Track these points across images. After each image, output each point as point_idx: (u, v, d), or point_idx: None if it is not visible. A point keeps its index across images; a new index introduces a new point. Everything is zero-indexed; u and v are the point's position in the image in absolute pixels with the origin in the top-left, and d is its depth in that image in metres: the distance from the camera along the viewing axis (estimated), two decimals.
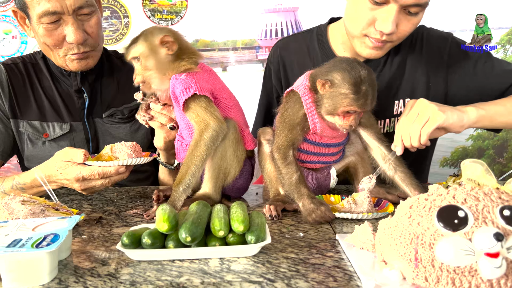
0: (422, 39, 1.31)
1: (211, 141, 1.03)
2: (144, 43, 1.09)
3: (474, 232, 0.60)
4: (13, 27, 2.46)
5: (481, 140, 2.58)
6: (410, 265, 0.64)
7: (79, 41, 1.24)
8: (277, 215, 1.02)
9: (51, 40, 1.25)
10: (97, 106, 1.40)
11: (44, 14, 1.20)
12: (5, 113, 1.36)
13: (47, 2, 1.19)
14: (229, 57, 2.52)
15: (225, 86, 1.16)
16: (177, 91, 1.05)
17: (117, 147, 1.14)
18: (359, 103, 0.98)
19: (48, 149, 1.36)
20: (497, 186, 0.67)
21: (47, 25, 1.22)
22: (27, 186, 1.20)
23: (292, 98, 1.07)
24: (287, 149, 1.06)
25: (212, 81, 1.11)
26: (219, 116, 1.04)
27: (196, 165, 1.03)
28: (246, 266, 0.75)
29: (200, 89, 1.04)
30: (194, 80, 1.05)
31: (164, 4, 2.45)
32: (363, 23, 1.14)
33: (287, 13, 2.47)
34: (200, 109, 1.04)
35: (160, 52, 1.08)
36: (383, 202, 1.07)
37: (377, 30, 1.13)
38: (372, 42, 1.17)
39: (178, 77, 1.07)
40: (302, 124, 1.06)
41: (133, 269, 0.75)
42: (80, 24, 1.24)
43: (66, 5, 1.19)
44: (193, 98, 1.04)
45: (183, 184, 1.02)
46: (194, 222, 0.78)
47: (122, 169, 1.11)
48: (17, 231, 0.76)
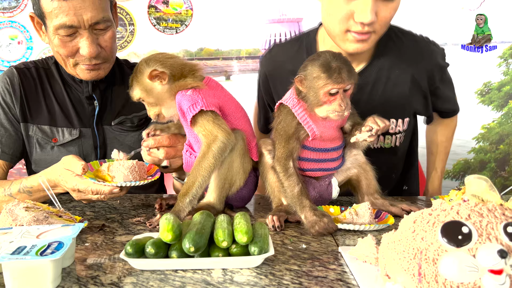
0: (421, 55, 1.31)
1: (219, 153, 1.03)
2: (137, 85, 1.12)
3: (478, 249, 0.60)
4: (19, 32, 2.48)
5: (483, 153, 2.59)
6: (414, 280, 0.64)
7: (92, 55, 1.26)
8: (280, 226, 1.02)
9: (64, 50, 1.26)
10: (107, 113, 1.41)
11: (61, 27, 1.21)
12: (16, 117, 1.37)
13: (65, 15, 1.20)
14: (233, 66, 2.54)
15: (232, 98, 1.16)
16: (184, 107, 1.06)
17: (114, 166, 1.12)
18: (333, 78, 0.99)
19: (56, 153, 1.36)
20: (501, 202, 0.67)
21: (62, 37, 1.24)
22: (34, 190, 1.20)
23: (283, 112, 1.09)
24: (287, 160, 1.06)
25: (219, 95, 1.11)
26: (226, 129, 1.05)
27: (203, 177, 1.03)
28: (249, 278, 0.75)
29: (207, 105, 1.04)
30: (200, 96, 1.06)
31: (170, 12, 2.47)
32: (341, 18, 1.14)
33: (292, 23, 2.49)
34: (208, 122, 1.04)
35: (154, 87, 1.10)
36: (382, 214, 1.07)
37: (357, 22, 1.13)
38: (355, 36, 1.16)
39: (185, 93, 1.08)
40: (297, 133, 1.07)
41: (136, 279, 0.75)
42: (94, 38, 1.26)
43: (83, 20, 1.21)
44: (200, 113, 1.05)
45: (189, 195, 1.02)
46: (198, 232, 0.78)
47: (116, 190, 1.10)
48: (21, 238, 0.76)
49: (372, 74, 1.31)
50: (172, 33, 2.49)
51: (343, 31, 1.17)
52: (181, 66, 1.11)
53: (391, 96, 1.32)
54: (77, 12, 1.19)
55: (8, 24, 2.47)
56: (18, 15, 2.46)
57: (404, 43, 1.32)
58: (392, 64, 1.30)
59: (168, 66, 1.09)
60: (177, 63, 1.12)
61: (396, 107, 1.33)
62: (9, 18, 2.47)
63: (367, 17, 1.11)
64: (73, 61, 1.29)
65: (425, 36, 1.37)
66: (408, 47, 1.31)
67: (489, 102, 2.53)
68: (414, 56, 1.31)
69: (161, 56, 1.12)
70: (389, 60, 1.30)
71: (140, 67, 1.11)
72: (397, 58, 1.30)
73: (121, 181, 1.10)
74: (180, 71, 1.10)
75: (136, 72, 1.12)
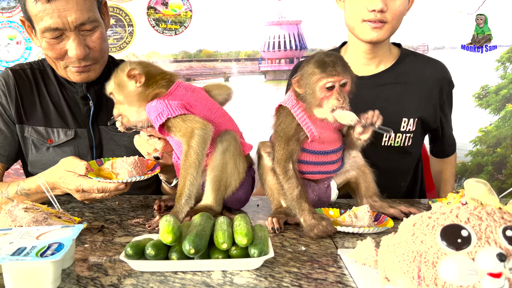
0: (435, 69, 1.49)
1: (199, 147, 1.03)
2: (114, 79, 1.12)
3: (477, 252, 0.61)
4: (17, 33, 2.47)
5: (480, 156, 2.60)
6: (413, 282, 0.64)
7: (80, 57, 1.26)
8: (280, 228, 1.02)
9: (53, 53, 1.26)
10: (102, 113, 1.41)
11: (46, 30, 1.21)
12: (11, 118, 1.37)
13: (49, 18, 1.20)
14: (231, 67, 2.54)
15: (207, 100, 1.15)
16: (152, 118, 1.08)
17: (118, 164, 1.14)
18: (327, 72, 1.01)
19: (52, 154, 1.36)
20: (499, 206, 0.68)
21: (49, 40, 1.24)
22: (31, 192, 1.20)
23: (282, 113, 1.10)
24: (287, 162, 1.07)
25: (188, 99, 1.10)
26: (199, 120, 1.05)
27: (191, 174, 1.03)
28: (249, 280, 0.76)
29: (172, 111, 1.05)
30: (164, 103, 1.06)
31: (169, 14, 2.47)
32: (357, 11, 1.36)
33: (290, 26, 2.49)
34: (178, 124, 1.05)
35: (128, 85, 1.10)
36: (382, 217, 1.07)
37: (370, 11, 1.33)
38: (370, 24, 1.35)
39: (150, 105, 1.09)
40: (297, 135, 1.07)
41: (136, 280, 0.76)
42: (82, 39, 1.25)
43: (68, 21, 1.20)
44: (169, 120, 1.06)
45: (184, 196, 1.02)
46: (198, 234, 0.79)
47: (122, 186, 1.11)
48: (21, 239, 0.76)
49: (392, 76, 1.47)
50: (171, 35, 2.49)
51: (360, 21, 1.37)
52: (157, 75, 1.11)
53: (404, 97, 1.45)
54: (61, 14, 1.19)
55: (7, 24, 2.47)
56: (16, 15, 2.46)
57: (420, 57, 1.53)
58: (410, 71, 1.47)
59: (146, 71, 1.10)
60: (156, 72, 1.12)
61: (408, 106, 1.45)
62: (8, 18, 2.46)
63: (378, 5, 1.31)
64: (63, 64, 1.29)
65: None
66: (424, 60, 1.52)
67: (487, 105, 2.55)
68: (428, 67, 1.49)
69: (145, 62, 1.15)
70: (408, 67, 1.48)
71: (123, 66, 1.13)
72: (414, 67, 1.48)
73: (126, 177, 1.11)
74: (154, 80, 1.10)
75: (118, 69, 1.13)
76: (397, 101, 1.45)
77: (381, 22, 1.35)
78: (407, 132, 1.45)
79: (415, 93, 1.46)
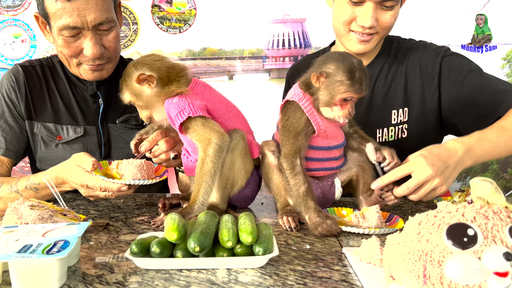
0: (417, 51, 1.40)
1: (216, 156, 1.03)
2: (126, 89, 1.12)
3: (483, 251, 0.60)
4: (22, 31, 2.48)
5: None
6: (419, 281, 0.64)
7: (96, 56, 1.26)
8: (296, 226, 1.02)
9: (68, 51, 1.27)
10: (112, 111, 1.41)
11: (65, 28, 1.22)
12: (21, 114, 1.38)
13: (68, 17, 1.20)
14: (236, 65, 2.54)
15: (222, 98, 1.16)
16: (172, 115, 1.07)
17: (123, 165, 1.13)
18: (355, 88, 1.02)
19: (61, 151, 1.37)
20: (506, 205, 0.67)
21: (66, 38, 1.24)
22: (41, 187, 1.21)
23: (290, 108, 1.09)
24: (295, 157, 1.06)
25: (207, 97, 1.11)
26: (219, 130, 1.05)
27: (206, 182, 1.03)
28: (254, 278, 0.76)
29: (194, 111, 1.05)
30: (187, 102, 1.06)
31: (173, 12, 2.47)
32: (346, 20, 1.30)
33: (295, 24, 2.49)
34: (198, 127, 1.04)
35: (143, 90, 1.10)
36: (394, 218, 1.07)
37: (359, 25, 1.28)
38: (357, 37, 1.31)
39: (171, 101, 1.08)
40: (306, 129, 1.07)
41: (141, 278, 0.76)
42: (98, 38, 1.26)
43: (87, 21, 1.21)
44: (189, 120, 1.05)
45: (198, 202, 1.02)
46: (203, 232, 0.79)
47: (125, 188, 1.11)
48: (27, 237, 0.77)
49: (376, 70, 1.42)
50: (176, 33, 2.49)
51: (347, 31, 1.32)
52: (168, 69, 1.10)
53: (390, 89, 1.41)
54: (81, 13, 1.20)
55: (12, 22, 2.48)
56: (22, 13, 2.47)
57: (401, 44, 1.45)
58: (392, 61, 1.42)
59: (155, 69, 1.09)
60: (164, 65, 1.10)
61: (395, 98, 1.41)
62: (13, 17, 2.47)
63: (368, 22, 1.26)
64: (77, 61, 1.30)
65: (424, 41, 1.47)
66: (405, 47, 1.44)
67: None
68: (409, 51, 1.42)
69: (149, 59, 1.12)
70: (389, 58, 1.42)
71: (129, 71, 1.11)
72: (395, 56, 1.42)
73: (129, 179, 1.10)
74: (167, 75, 1.09)
75: (125, 76, 1.12)
76: (384, 94, 1.41)
77: (369, 35, 1.30)
78: (399, 124, 1.42)
79: (397, 82, 1.40)
